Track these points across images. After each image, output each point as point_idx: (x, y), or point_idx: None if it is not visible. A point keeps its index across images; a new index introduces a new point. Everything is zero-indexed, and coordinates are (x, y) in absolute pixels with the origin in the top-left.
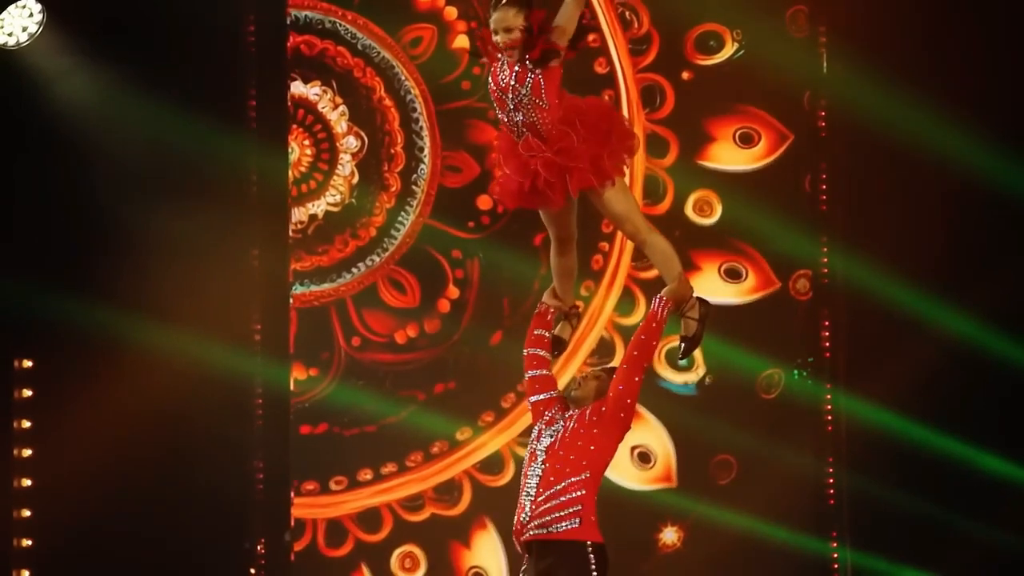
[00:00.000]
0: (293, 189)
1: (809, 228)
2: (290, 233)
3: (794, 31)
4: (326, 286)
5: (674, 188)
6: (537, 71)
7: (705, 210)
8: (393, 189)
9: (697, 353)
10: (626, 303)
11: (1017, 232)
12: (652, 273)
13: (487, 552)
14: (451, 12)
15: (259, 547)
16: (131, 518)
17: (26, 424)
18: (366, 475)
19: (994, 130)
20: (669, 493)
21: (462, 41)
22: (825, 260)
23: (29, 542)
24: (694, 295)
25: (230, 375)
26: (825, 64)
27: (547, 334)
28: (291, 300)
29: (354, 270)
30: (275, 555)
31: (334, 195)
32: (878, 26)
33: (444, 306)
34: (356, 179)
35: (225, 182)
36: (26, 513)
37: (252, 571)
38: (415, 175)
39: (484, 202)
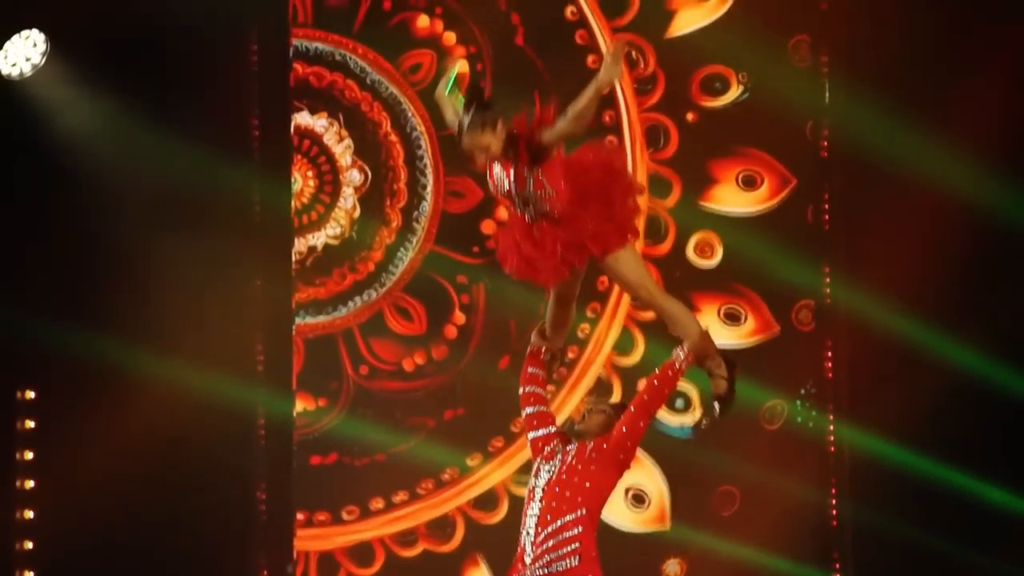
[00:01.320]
0: (295, 220)
1: (811, 258)
2: (293, 263)
3: (796, 61)
4: (321, 318)
5: (675, 229)
6: (534, 170)
7: (706, 252)
8: (394, 224)
9: (693, 394)
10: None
11: (1020, 262)
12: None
13: None
14: (450, 37)
15: None
16: (134, 548)
17: (28, 455)
18: (377, 504)
19: (996, 159)
20: (672, 526)
21: (462, 66)
22: (828, 290)
23: (31, 574)
24: (718, 352)
25: (233, 404)
26: (827, 94)
27: (541, 372)
28: (294, 329)
29: (350, 304)
30: None
31: (335, 228)
32: (880, 54)
33: (451, 332)
34: (358, 213)
35: (228, 211)
36: (28, 545)
37: None
38: (417, 212)
39: (487, 227)
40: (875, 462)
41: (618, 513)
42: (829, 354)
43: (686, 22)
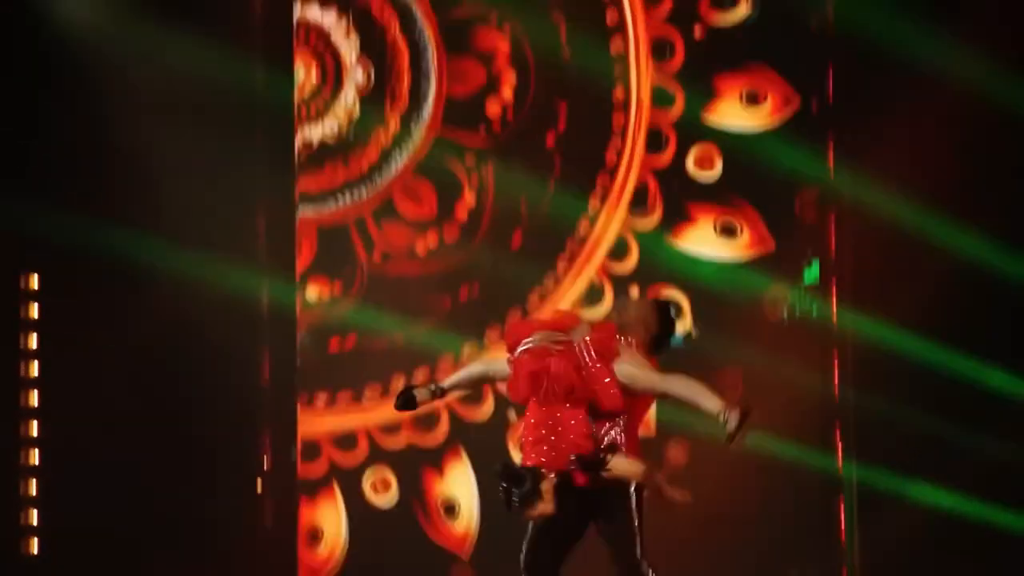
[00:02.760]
0: (302, 108)
1: (815, 147)
2: (295, 150)
3: None
4: (332, 206)
5: (676, 141)
6: None
7: (706, 165)
8: (391, 130)
9: (684, 304)
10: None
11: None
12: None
13: (459, 483)
14: None
15: (265, 462)
16: (139, 432)
17: (33, 342)
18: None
19: (1005, 48)
20: (673, 411)
21: None
22: (831, 177)
23: (37, 460)
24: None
25: (237, 291)
26: None
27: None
28: (297, 217)
29: (360, 190)
30: (282, 470)
31: (332, 124)
32: None
33: (462, 214)
34: (357, 113)
35: (231, 100)
36: (33, 427)
37: (259, 484)
38: (415, 118)
39: (492, 108)
40: (878, 348)
41: None
42: (833, 241)
43: None
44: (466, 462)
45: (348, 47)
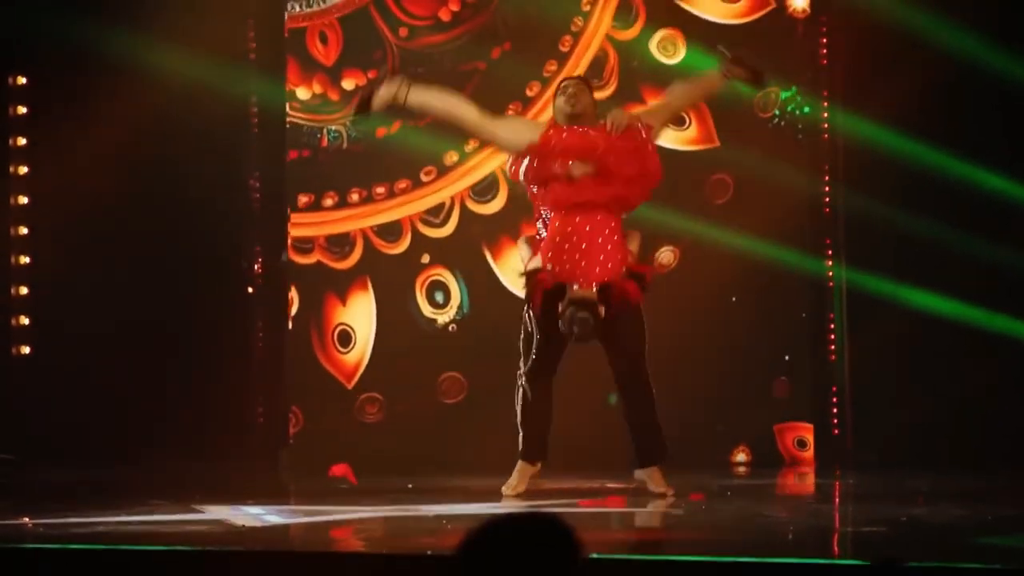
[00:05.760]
0: None
1: None
2: None
3: None
4: None
5: (644, 19)
6: None
7: (669, 50)
8: None
9: None
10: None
11: None
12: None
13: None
14: None
15: (256, 266)
16: (127, 233)
17: (22, 141)
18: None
19: None
20: (663, 212)
21: None
22: None
23: (27, 259)
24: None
25: (225, 91)
26: None
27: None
28: (286, 17)
29: None
30: (272, 273)
31: None
32: None
33: None
34: None
35: None
36: (23, 230)
37: (250, 290)
38: None
39: None
40: (870, 149)
41: None
42: (824, 39)
43: None
44: (371, 294)
45: None
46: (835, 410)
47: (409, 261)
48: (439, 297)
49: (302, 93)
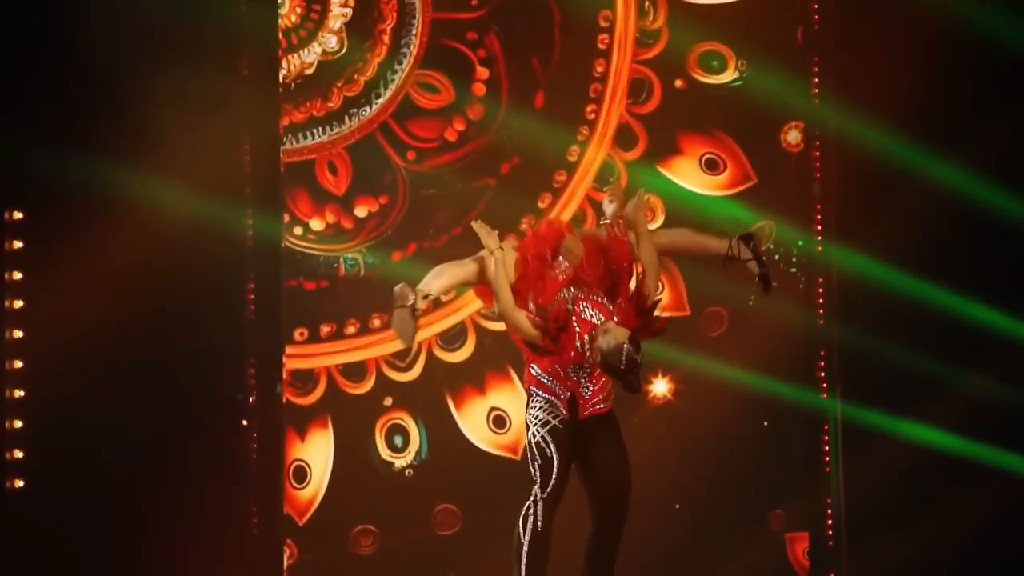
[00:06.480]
0: (283, 40)
1: (800, 77)
2: (280, 81)
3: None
4: (354, 123)
5: (626, 180)
6: None
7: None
8: (385, 43)
9: None
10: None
11: (1014, 83)
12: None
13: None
14: None
15: (251, 399)
16: (122, 370)
17: (16, 276)
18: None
19: None
20: (659, 346)
21: None
22: (816, 111)
23: (21, 393)
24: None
25: (222, 228)
26: None
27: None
28: (281, 150)
29: (374, 101)
30: (266, 406)
31: (319, 48)
32: None
33: (479, 89)
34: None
35: (214, 34)
36: (18, 364)
37: (244, 422)
38: (406, 31)
39: None
40: (863, 283)
41: None
42: (818, 175)
43: None
44: (330, 432)
45: None
46: (831, 544)
47: (371, 402)
48: (398, 441)
49: (315, 224)
